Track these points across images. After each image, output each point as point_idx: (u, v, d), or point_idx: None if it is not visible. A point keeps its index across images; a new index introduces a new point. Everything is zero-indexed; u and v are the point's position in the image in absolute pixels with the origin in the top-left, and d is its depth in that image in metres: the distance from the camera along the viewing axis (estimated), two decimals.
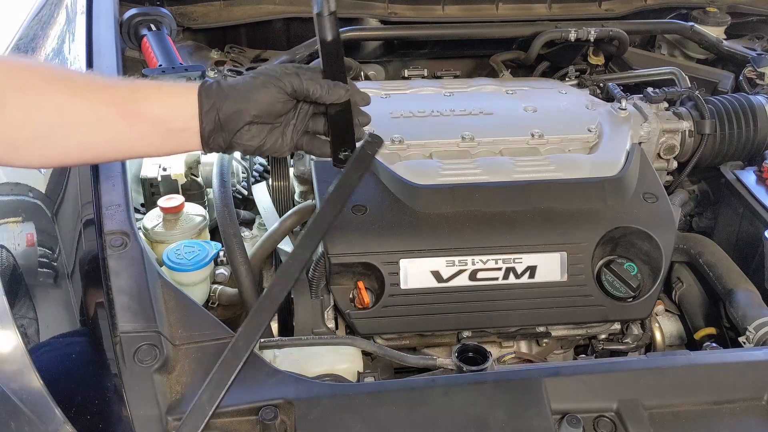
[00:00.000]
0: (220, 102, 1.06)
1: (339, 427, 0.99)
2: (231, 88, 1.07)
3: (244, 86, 1.07)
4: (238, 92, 1.07)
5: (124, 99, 1.05)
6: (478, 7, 2.13)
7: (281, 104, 1.08)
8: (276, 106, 1.08)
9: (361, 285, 1.33)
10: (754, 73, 1.94)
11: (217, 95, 1.06)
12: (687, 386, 1.09)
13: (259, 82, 1.07)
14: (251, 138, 1.09)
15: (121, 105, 1.04)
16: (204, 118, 1.05)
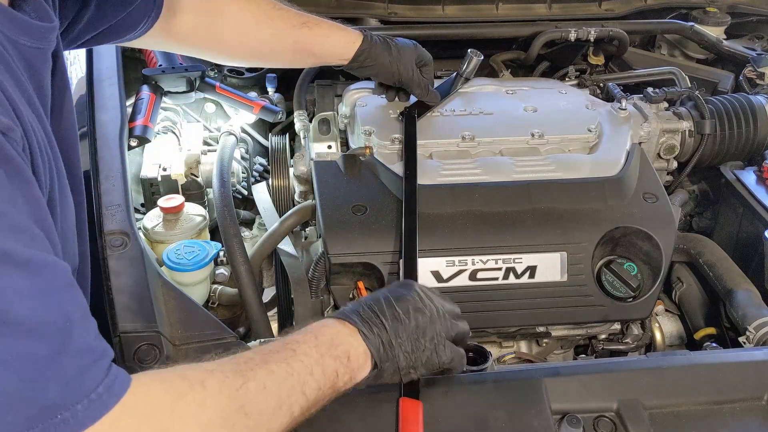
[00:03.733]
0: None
1: (339, 427, 0.99)
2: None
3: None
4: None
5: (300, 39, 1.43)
6: (478, 7, 2.13)
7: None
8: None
9: (361, 285, 1.33)
10: (754, 73, 1.94)
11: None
12: (687, 386, 1.09)
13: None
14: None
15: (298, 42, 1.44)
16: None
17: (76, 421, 0.67)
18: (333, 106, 1.73)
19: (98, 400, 0.69)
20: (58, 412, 0.66)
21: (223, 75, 1.90)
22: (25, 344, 0.65)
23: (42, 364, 0.66)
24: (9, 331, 0.64)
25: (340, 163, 1.47)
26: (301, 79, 1.78)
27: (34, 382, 0.65)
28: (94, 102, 1.57)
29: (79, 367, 0.69)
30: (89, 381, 0.69)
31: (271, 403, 0.82)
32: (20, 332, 0.65)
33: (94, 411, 0.68)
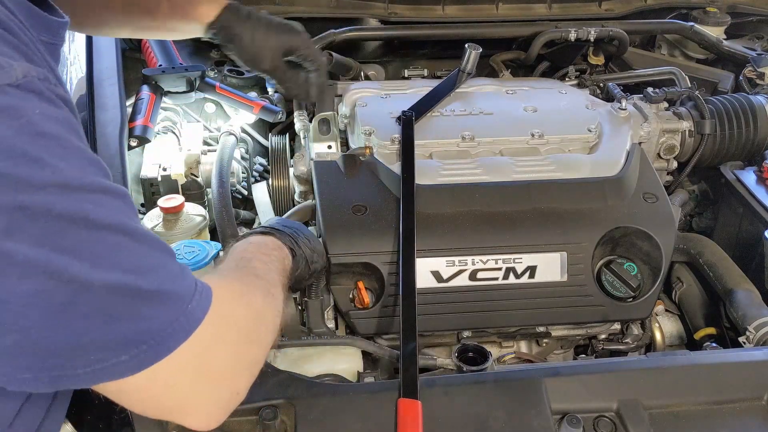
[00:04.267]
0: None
1: (339, 427, 0.99)
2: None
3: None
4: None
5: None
6: (478, 7, 2.13)
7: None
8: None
9: (361, 285, 1.33)
10: (754, 73, 1.94)
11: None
12: (687, 386, 1.09)
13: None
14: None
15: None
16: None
17: (200, 308, 0.80)
18: (333, 106, 1.73)
19: (203, 288, 0.82)
20: (188, 302, 0.79)
21: (223, 75, 1.90)
22: (150, 255, 0.78)
23: (164, 268, 0.78)
24: (136, 247, 0.76)
25: (340, 163, 1.47)
26: None
27: (166, 283, 0.77)
28: (94, 102, 1.57)
29: (181, 268, 0.82)
30: (190, 277, 0.82)
31: (275, 284, 1.02)
32: (144, 247, 0.77)
33: (206, 297, 0.82)
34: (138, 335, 0.74)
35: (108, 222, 0.74)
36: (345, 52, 1.92)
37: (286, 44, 1.34)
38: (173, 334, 0.77)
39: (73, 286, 0.70)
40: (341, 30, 1.94)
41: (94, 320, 0.72)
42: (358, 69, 1.94)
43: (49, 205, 0.69)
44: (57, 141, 0.72)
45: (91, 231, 0.72)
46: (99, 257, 0.72)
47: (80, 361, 0.73)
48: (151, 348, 0.75)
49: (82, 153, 0.76)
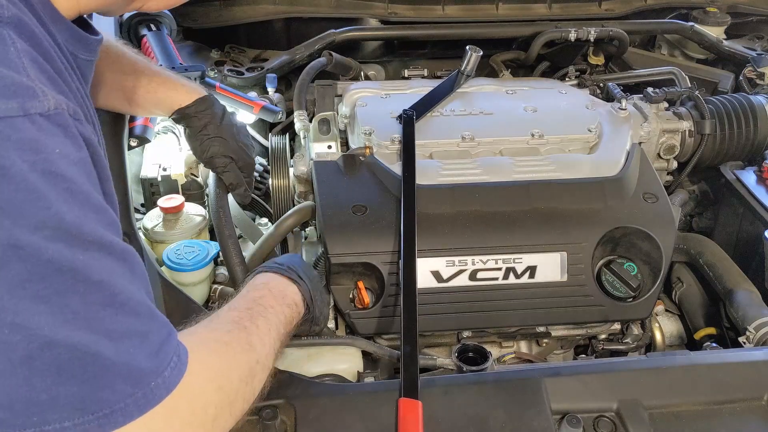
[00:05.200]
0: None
1: (339, 427, 0.99)
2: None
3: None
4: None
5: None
6: (478, 7, 2.13)
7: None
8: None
9: (361, 285, 1.33)
10: (754, 73, 1.94)
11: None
12: (687, 386, 1.09)
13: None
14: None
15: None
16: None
17: (165, 386, 0.76)
18: (333, 106, 1.73)
19: (177, 364, 0.78)
20: (152, 380, 0.75)
21: (223, 75, 1.90)
22: (129, 322, 0.74)
23: (140, 338, 0.75)
24: (117, 311, 0.73)
25: (340, 163, 1.47)
26: (301, 79, 1.78)
27: (135, 355, 0.74)
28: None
29: (161, 340, 0.78)
30: (169, 350, 0.78)
31: (268, 351, 0.98)
32: (125, 312, 0.74)
33: (176, 375, 0.78)
34: (88, 404, 0.70)
35: (95, 279, 0.71)
36: (345, 52, 1.92)
37: (234, 157, 1.39)
38: (125, 410, 0.72)
39: (38, 341, 0.67)
40: (341, 30, 1.94)
41: (49, 379, 0.68)
42: (358, 69, 1.94)
43: (41, 249, 0.67)
44: (68, 184, 0.71)
45: (74, 284, 0.69)
46: (74, 314, 0.69)
47: (22, 420, 0.69)
48: (98, 419, 0.71)
49: (92, 200, 0.74)
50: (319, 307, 1.19)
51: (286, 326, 1.06)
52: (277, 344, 1.01)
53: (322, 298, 1.22)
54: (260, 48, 2.11)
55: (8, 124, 0.67)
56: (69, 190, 0.71)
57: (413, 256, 1.26)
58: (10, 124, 0.67)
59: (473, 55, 1.68)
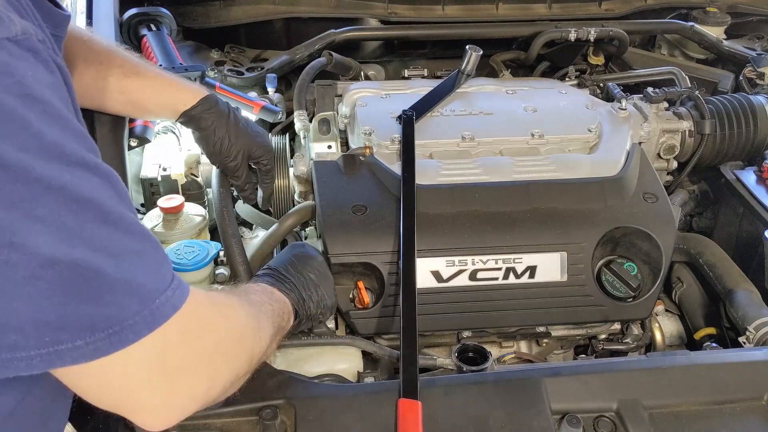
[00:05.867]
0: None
1: (339, 427, 0.99)
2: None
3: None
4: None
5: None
6: (478, 7, 2.13)
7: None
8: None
9: (361, 285, 1.33)
10: (754, 73, 1.94)
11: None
12: (687, 386, 1.09)
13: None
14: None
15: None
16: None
17: (171, 305, 0.76)
18: (333, 106, 1.73)
19: (180, 286, 0.79)
20: (156, 297, 0.75)
21: (223, 75, 1.90)
22: (125, 240, 0.74)
23: (138, 256, 0.74)
24: (112, 229, 0.72)
25: (340, 163, 1.47)
26: (301, 79, 1.78)
27: (136, 272, 0.74)
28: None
29: (159, 260, 0.78)
30: (168, 271, 0.78)
31: (267, 318, 1.00)
32: (120, 230, 0.73)
33: (180, 295, 0.78)
34: (97, 322, 0.71)
35: (85, 197, 0.71)
36: (345, 52, 1.92)
37: (253, 149, 1.41)
38: (134, 327, 0.73)
39: (39, 260, 0.67)
40: (341, 30, 1.94)
41: (55, 298, 0.68)
42: (358, 69, 1.94)
43: (28, 168, 0.66)
44: (45, 106, 0.70)
45: (66, 202, 0.69)
46: (70, 231, 0.69)
47: (35, 341, 0.69)
48: (109, 337, 0.72)
49: (70, 123, 0.73)
50: (316, 304, 1.18)
51: (278, 316, 1.06)
52: (275, 318, 1.03)
53: (318, 292, 1.19)
54: (260, 48, 2.11)
55: None
56: (46, 112, 0.70)
57: (413, 256, 1.26)
58: None
59: (473, 55, 1.68)
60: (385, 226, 1.33)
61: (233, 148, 1.38)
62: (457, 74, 1.71)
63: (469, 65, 1.69)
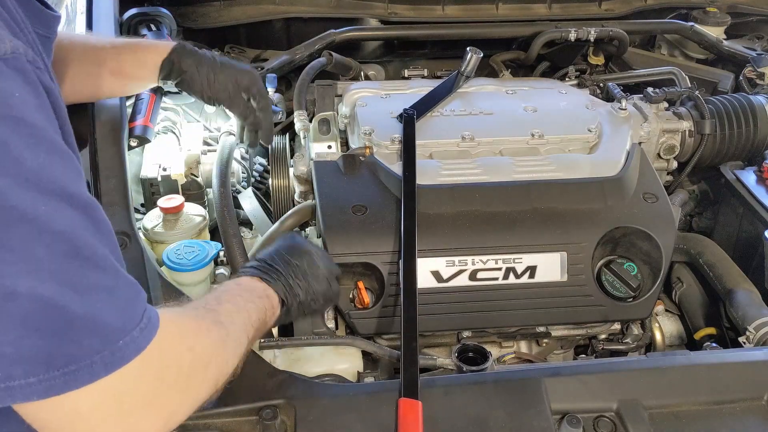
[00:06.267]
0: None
1: (339, 427, 0.99)
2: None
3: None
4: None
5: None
6: (478, 7, 2.13)
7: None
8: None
9: (361, 285, 1.33)
10: (754, 73, 1.94)
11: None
12: (687, 386, 1.09)
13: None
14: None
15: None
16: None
17: (134, 346, 0.74)
18: (333, 106, 1.73)
19: (148, 326, 0.76)
20: (120, 337, 0.73)
21: None
22: (95, 276, 0.72)
23: (107, 293, 0.73)
24: (83, 264, 0.71)
25: (340, 163, 1.47)
26: (301, 79, 1.78)
27: (102, 310, 0.72)
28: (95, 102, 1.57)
29: (129, 297, 0.76)
30: (138, 309, 0.76)
31: (239, 329, 0.96)
32: (90, 265, 0.72)
33: (146, 336, 0.75)
34: (54, 359, 0.68)
35: (58, 230, 0.69)
36: (345, 52, 1.92)
37: (240, 77, 1.41)
38: (91, 367, 0.70)
39: (1, 292, 0.65)
40: (341, 30, 1.94)
41: (12, 332, 0.66)
42: (358, 69, 1.94)
43: (4, 195, 0.65)
44: (30, 129, 0.69)
45: (38, 234, 0.67)
46: (38, 263, 0.67)
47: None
48: (64, 376, 0.69)
49: (56, 146, 0.72)
50: (305, 291, 1.14)
51: (257, 313, 1.02)
52: (249, 327, 0.99)
53: (305, 282, 1.15)
54: (260, 48, 2.11)
55: None
56: (31, 135, 0.68)
57: (413, 256, 1.26)
58: None
59: (473, 57, 1.68)
60: (385, 226, 1.33)
61: (219, 78, 1.39)
62: (456, 75, 1.71)
63: (469, 67, 1.69)
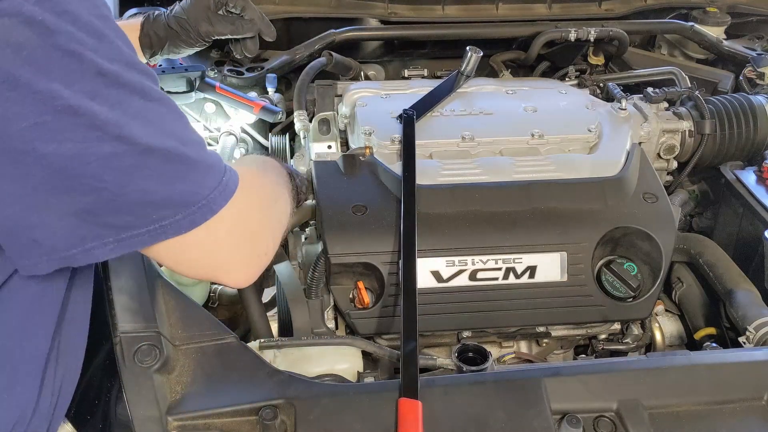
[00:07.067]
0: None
1: (339, 427, 0.99)
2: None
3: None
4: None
5: None
6: (478, 7, 2.13)
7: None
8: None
9: (361, 285, 1.33)
10: (754, 73, 1.93)
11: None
12: (687, 386, 1.09)
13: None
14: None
15: None
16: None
17: (233, 179, 0.90)
18: (333, 106, 1.73)
19: (229, 167, 0.92)
20: (222, 174, 0.89)
21: (223, 75, 1.90)
22: (193, 132, 0.88)
23: (202, 144, 0.89)
24: (185, 123, 0.88)
25: (340, 163, 1.47)
26: (301, 79, 1.78)
27: (206, 156, 0.88)
28: None
29: (210, 149, 0.92)
30: (218, 156, 0.92)
31: (287, 196, 1.18)
32: (185, 122, 0.88)
33: (234, 173, 0.92)
34: (190, 196, 0.84)
35: (158, 97, 0.83)
36: (345, 52, 1.92)
37: (202, 5, 1.51)
38: (216, 198, 0.86)
39: (140, 149, 0.78)
40: (341, 30, 1.94)
41: (156, 181, 0.81)
42: (358, 69, 1.94)
43: (118, 75, 0.78)
44: (113, 24, 0.82)
45: (148, 102, 0.81)
46: (157, 125, 0.81)
47: (144, 220, 0.82)
48: (201, 209, 0.85)
49: (127, 39, 0.84)
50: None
51: (285, 179, 1.23)
52: (289, 198, 1.20)
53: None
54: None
55: None
56: (116, 30, 0.82)
57: (413, 256, 1.26)
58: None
59: (473, 56, 1.68)
60: (385, 226, 1.33)
61: (195, 18, 1.51)
62: (456, 75, 1.70)
63: (469, 66, 1.69)
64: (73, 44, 0.75)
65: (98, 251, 0.83)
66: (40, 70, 0.73)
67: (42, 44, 0.73)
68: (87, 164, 0.76)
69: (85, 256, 0.82)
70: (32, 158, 0.74)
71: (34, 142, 0.73)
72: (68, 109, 0.74)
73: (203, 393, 1.03)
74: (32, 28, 0.72)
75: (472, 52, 1.68)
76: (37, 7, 0.73)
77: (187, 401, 1.02)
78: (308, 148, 1.62)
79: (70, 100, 0.74)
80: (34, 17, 0.72)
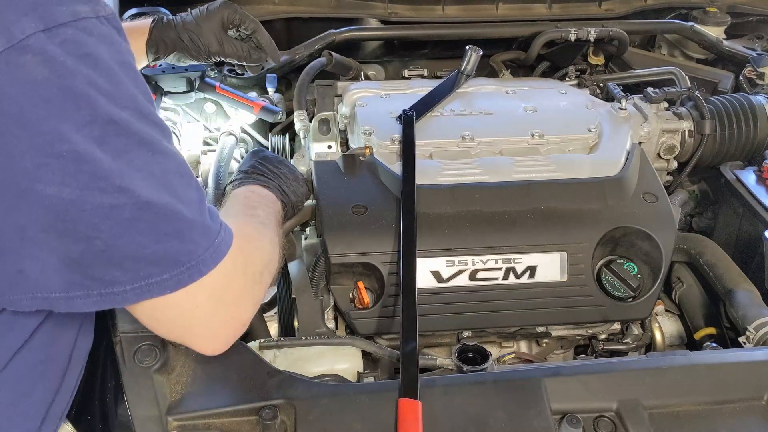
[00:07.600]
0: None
1: (339, 427, 0.99)
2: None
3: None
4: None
5: None
6: (478, 7, 2.13)
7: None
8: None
9: (361, 285, 1.33)
10: (754, 73, 1.93)
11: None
12: (687, 386, 1.09)
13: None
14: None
15: None
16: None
17: (226, 241, 0.90)
18: (333, 106, 1.73)
19: (226, 228, 0.92)
20: (215, 236, 0.89)
21: (223, 75, 1.90)
22: (192, 190, 0.88)
23: (200, 203, 0.88)
24: (184, 179, 0.87)
25: (340, 163, 1.47)
26: (301, 79, 1.78)
27: (202, 215, 0.88)
28: None
29: (209, 207, 0.91)
30: (217, 216, 0.92)
31: (274, 234, 1.14)
32: (188, 181, 0.88)
33: (229, 233, 0.92)
34: (180, 256, 0.84)
35: (165, 150, 0.83)
36: (345, 52, 1.92)
37: (220, 19, 1.49)
38: (206, 261, 0.86)
39: (139, 203, 0.79)
40: (341, 30, 1.94)
41: (150, 236, 0.80)
42: (358, 69, 1.94)
43: (129, 124, 0.79)
44: (134, 73, 0.83)
45: (154, 155, 0.81)
46: (158, 179, 0.81)
47: (130, 276, 0.81)
48: (189, 270, 0.84)
49: (146, 88, 0.85)
50: (294, 193, 1.33)
51: (275, 216, 1.21)
52: (278, 228, 1.18)
53: (292, 184, 1.34)
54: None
55: (89, 23, 0.78)
56: (135, 78, 0.83)
57: (413, 256, 1.26)
58: (91, 23, 0.79)
59: (473, 55, 1.68)
60: (385, 226, 1.33)
61: (204, 33, 1.48)
62: (456, 75, 1.71)
63: (469, 65, 1.69)
64: (89, 88, 0.75)
65: (80, 302, 0.82)
66: (52, 110, 0.73)
67: (59, 85, 0.73)
68: (84, 211, 0.76)
69: (67, 303, 0.82)
70: (33, 197, 0.74)
71: (36, 181, 0.74)
72: (73, 154, 0.74)
73: (203, 393, 1.03)
74: (51, 68, 0.73)
75: (472, 51, 1.68)
76: (60, 48, 0.74)
77: (187, 401, 1.02)
78: (308, 148, 1.62)
79: (77, 146, 0.74)
80: (55, 58, 0.73)
